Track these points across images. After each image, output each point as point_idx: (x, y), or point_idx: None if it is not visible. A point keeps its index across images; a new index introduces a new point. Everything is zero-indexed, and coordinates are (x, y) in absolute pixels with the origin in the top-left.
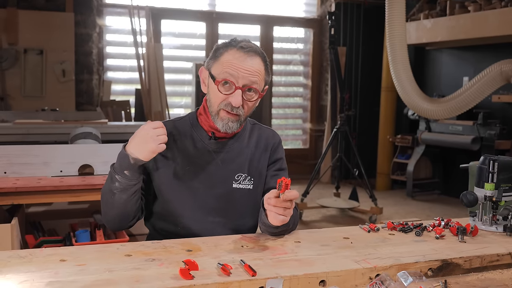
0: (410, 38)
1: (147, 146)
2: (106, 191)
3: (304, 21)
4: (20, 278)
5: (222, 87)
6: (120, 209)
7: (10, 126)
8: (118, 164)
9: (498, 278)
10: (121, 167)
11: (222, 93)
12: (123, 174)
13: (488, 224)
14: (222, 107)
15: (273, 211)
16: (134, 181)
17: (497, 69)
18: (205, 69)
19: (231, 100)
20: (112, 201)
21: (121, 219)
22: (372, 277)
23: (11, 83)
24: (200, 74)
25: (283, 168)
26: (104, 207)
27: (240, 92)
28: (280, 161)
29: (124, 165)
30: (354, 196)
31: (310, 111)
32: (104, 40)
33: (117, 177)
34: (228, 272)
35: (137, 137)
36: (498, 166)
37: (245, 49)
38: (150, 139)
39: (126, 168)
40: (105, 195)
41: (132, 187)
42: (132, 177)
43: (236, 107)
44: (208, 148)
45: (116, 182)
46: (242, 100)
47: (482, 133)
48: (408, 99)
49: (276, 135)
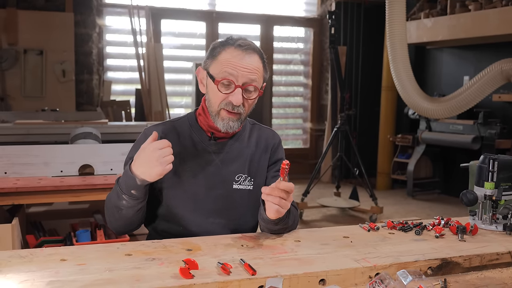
0: (410, 37)
1: (154, 170)
2: (112, 206)
3: (304, 20)
4: (21, 278)
5: (221, 86)
6: (127, 221)
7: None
8: (124, 183)
9: (498, 277)
10: (128, 187)
11: (222, 92)
12: (130, 193)
13: (488, 223)
14: (222, 107)
15: (269, 200)
16: (141, 199)
17: (497, 68)
18: (202, 69)
19: (232, 99)
20: (119, 216)
21: (127, 227)
22: (372, 276)
23: (11, 84)
24: (198, 74)
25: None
26: (109, 216)
27: (240, 90)
28: (280, 161)
29: (131, 185)
30: (355, 196)
31: (311, 111)
32: (104, 40)
33: (124, 196)
34: (228, 271)
35: (143, 159)
36: (498, 165)
37: (243, 47)
38: (157, 162)
39: (133, 188)
40: (111, 208)
41: (139, 204)
42: (139, 195)
43: (237, 106)
44: (208, 149)
45: (123, 201)
46: (242, 98)
47: (482, 132)
48: (408, 98)
49: (276, 135)
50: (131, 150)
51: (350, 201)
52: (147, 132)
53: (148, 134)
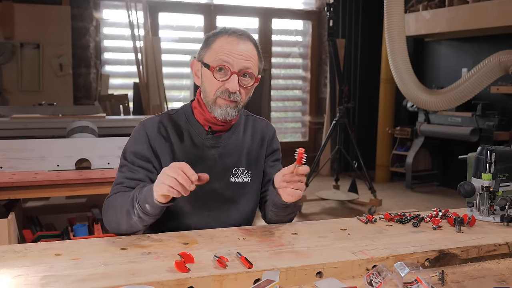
0: (409, 30)
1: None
2: (122, 213)
3: (302, 13)
4: (15, 273)
5: (217, 73)
6: (133, 230)
7: (7, 121)
8: (144, 194)
9: (495, 268)
10: (145, 199)
11: (217, 80)
12: (144, 206)
13: (485, 214)
14: (218, 95)
15: (290, 187)
16: (151, 216)
17: (495, 60)
18: (196, 61)
19: (228, 86)
20: (129, 224)
21: (128, 232)
22: (369, 268)
23: (8, 78)
24: (192, 67)
25: (279, 158)
26: (113, 220)
27: (236, 77)
28: (277, 152)
29: (149, 199)
30: (354, 188)
31: (309, 104)
32: (101, 33)
33: (136, 205)
34: (224, 265)
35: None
36: (495, 156)
37: (237, 33)
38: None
39: (148, 202)
40: (120, 216)
41: (150, 220)
42: (151, 212)
43: (233, 93)
44: (205, 143)
45: (134, 209)
46: (238, 85)
47: (481, 124)
48: (407, 90)
49: (270, 126)
50: (127, 143)
51: (349, 194)
52: (145, 123)
53: (146, 126)
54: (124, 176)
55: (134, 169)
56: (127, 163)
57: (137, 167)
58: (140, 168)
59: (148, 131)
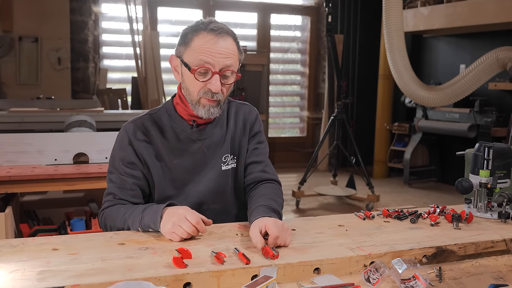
0: (407, 26)
1: (166, 226)
2: (124, 227)
3: (301, 8)
4: (11, 267)
5: (198, 75)
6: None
7: (5, 115)
8: (150, 216)
9: (493, 264)
10: (149, 221)
11: (199, 80)
12: (147, 226)
13: (483, 211)
14: (201, 95)
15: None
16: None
17: (493, 56)
18: (175, 57)
19: (210, 87)
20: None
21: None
22: (367, 264)
23: (6, 71)
24: (171, 62)
25: (262, 141)
26: (113, 231)
27: (218, 77)
28: (259, 134)
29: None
30: (351, 184)
31: (308, 99)
32: (100, 27)
33: (140, 224)
34: (222, 261)
35: (176, 212)
36: (493, 153)
37: (215, 31)
38: (174, 225)
39: (153, 225)
40: (121, 228)
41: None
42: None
43: (216, 93)
44: (191, 138)
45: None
46: (220, 85)
47: (478, 121)
48: (405, 86)
49: (252, 110)
50: (114, 148)
51: (346, 190)
52: (127, 128)
53: (128, 131)
54: (116, 187)
55: (123, 179)
56: (116, 171)
57: (125, 177)
58: (129, 177)
59: (130, 136)
